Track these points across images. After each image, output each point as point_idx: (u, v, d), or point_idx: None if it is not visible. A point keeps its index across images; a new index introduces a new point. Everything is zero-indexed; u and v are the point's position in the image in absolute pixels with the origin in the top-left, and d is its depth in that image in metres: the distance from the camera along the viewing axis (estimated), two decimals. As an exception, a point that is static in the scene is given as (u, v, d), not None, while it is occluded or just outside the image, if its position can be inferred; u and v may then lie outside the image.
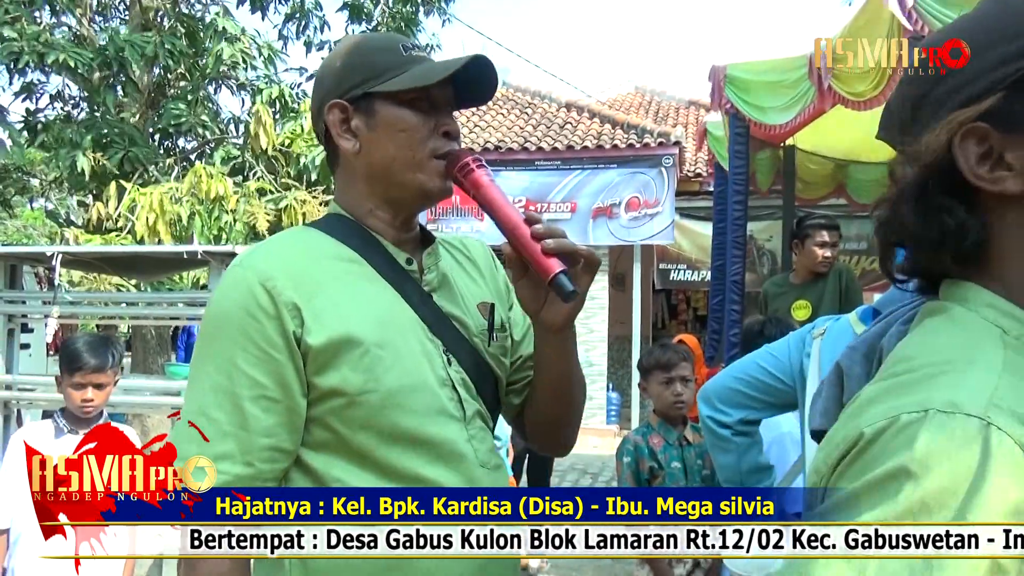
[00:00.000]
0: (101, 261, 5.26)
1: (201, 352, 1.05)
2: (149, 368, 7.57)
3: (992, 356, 0.59)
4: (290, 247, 1.11)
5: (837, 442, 0.60)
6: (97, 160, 6.94)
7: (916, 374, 0.60)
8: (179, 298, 5.72)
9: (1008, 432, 0.52)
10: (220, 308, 1.04)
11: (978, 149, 0.64)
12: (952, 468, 0.52)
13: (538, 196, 9.75)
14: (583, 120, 10.85)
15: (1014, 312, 0.64)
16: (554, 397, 1.21)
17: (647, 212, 9.46)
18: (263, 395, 1.00)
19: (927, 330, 0.68)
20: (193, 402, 1.02)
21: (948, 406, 0.54)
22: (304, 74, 8.61)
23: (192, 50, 7.71)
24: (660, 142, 9.53)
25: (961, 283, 0.68)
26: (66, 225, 7.88)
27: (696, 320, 12.11)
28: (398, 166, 1.10)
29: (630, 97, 14.10)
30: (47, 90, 8.15)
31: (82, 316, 6.32)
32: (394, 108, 1.09)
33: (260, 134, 7.02)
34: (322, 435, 1.04)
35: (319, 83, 1.16)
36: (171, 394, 4.82)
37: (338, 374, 1.02)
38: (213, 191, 6.51)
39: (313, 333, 1.01)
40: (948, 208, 0.65)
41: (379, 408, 1.03)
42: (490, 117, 11.32)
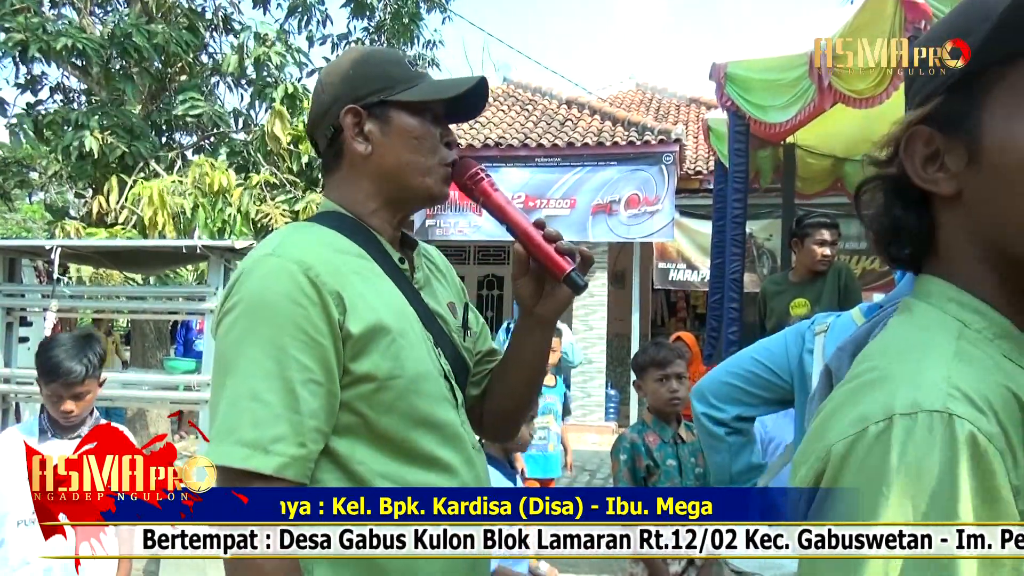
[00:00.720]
0: (100, 255, 5.25)
1: (242, 338, 1.05)
2: (148, 362, 7.57)
3: (943, 348, 0.62)
4: (315, 240, 1.14)
5: (811, 462, 0.62)
6: (104, 139, 6.90)
7: (874, 374, 0.63)
8: (178, 292, 5.72)
9: (968, 419, 0.55)
10: (262, 296, 1.05)
11: (925, 151, 0.66)
12: (928, 470, 0.54)
13: (537, 192, 9.75)
14: (584, 117, 10.84)
15: (977, 306, 0.65)
16: (524, 388, 1.34)
17: (647, 209, 9.45)
18: (311, 379, 1.04)
19: (890, 329, 0.70)
20: (243, 386, 1.02)
21: (909, 407, 0.57)
22: (305, 69, 8.59)
23: (195, 43, 7.71)
24: (661, 139, 9.53)
25: (928, 279, 0.70)
26: (64, 218, 7.87)
27: (695, 318, 12.11)
28: (409, 170, 1.19)
29: (631, 94, 14.09)
30: (48, 83, 8.15)
31: (81, 310, 6.32)
32: (408, 117, 1.18)
33: (277, 135, 7.04)
34: (348, 419, 1.09)
35: (327, 88, 1.22)
36: (170, 388, 4.82)
37: (370, 360, 1.08)
38: (216, 183, 6.52)
39: (352, 320, 1.07)
40: (892, 205, 0.69)
41: (403, 393, 1.10)
42: (491, 113, 11.31)
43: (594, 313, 10.05)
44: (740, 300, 4.59)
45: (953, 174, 0.65)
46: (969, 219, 0.66)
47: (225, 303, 1.09)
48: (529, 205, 9.73)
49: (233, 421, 1.01)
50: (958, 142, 0.64)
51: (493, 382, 1.35)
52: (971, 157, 0.64)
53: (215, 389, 1.06)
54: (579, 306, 10.17)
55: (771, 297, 3.97)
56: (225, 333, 1.07)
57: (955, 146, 0.65)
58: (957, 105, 0.65)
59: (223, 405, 1.03)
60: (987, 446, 0.54)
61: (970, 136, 0.64)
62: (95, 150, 6.80)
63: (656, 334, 11.08)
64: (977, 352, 0.62)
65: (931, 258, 0.70)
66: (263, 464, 0.99)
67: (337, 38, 8.95)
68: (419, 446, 1.12)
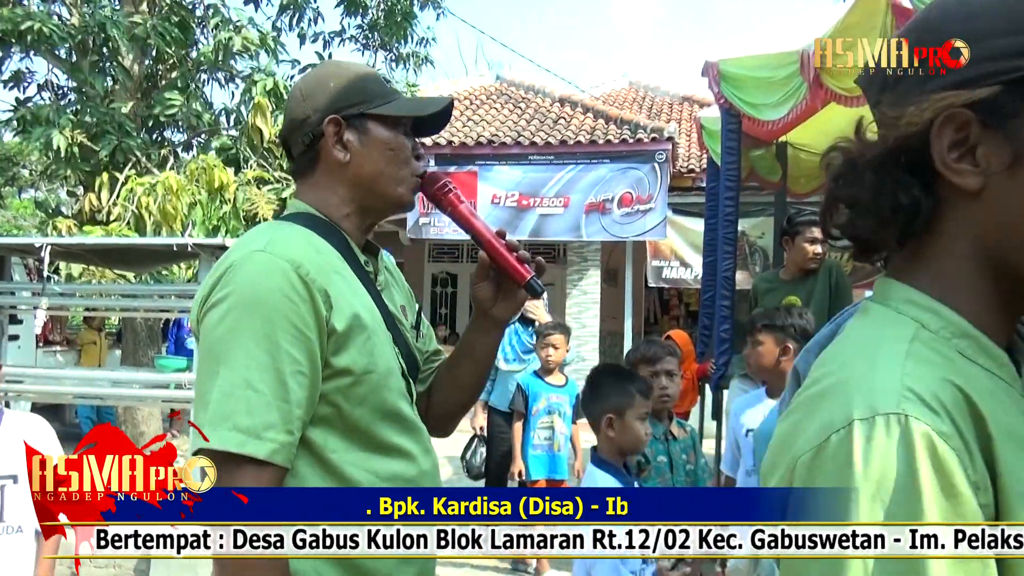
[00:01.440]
0: (91, 253, 5.23)
1: (236, 329, 1.09)
2: (139, 360, 7.54)
3: (896, 349, 0.62)
4: (300, 239, 1.19)
5: (780, 473, 0.63)
6: (74, 139, 6.84)
7: (831, 380, 0.63)
8: (170, 290, 5.70)
9: (922, 419, 0.56)
10: (255, 291, 1.10)
11: (954, 136, 0.62)
12: (890, 473, 0.56)
13: (531, 191, 9.75)
14: (576, 115, 10.84)
15: (934, 307, 0.65)
16: (472, 384, 1.47)
17: (640, 208, 9.47)
18: (299, 371, 1.10)
19: (847, 332, 0.70)
20: (237, 375, 1.07)
21: (866, 412, 0.58)
22: (297, 66, 8.55)
23: (184, 39, 7.66)
24: (653, 138, 9.54)
25: (888, 281, 0.69)
26: (56, 215, 7.82)
27: (688, 316, 12.14)
28: (384, 179, 1.28)
29: (624, 92, 14.10)
30: (36, 79, 8.09)
31: (71, 308, 6.29)
32: (384, 129, 1.28)
33: (261, 126, 7.01)
34: (324, 410, 1.15)
35: (307, 97, 1.29)
36: (161, 386, 4.80)
37: (348, 355, 1.15)
38: (216, 181, 6.50)
39: (336, 317, 1.14)
40: (907, 184, 0.65)
41: (375, 387, 1.18)
42: (484, 111, 11.30)
43: (587, 311, 10.06)
44: (732, 298, 4.60)
45: (981, 170, 0.62)
46: (979, 217, 0.64)
47: (213, 294, 1.13)
48: (523, 203, 9.74)
49: (228, 408, 1.06)
50: (1000, 140, 0.61)
51: (440, 379, 1.45)
52: (1015, 159, 0.61)
53: (205, 376, 1.10)
54: (572, 304, 10.18)
55: (762, 295, 3.97)
56: (216, 324, 1.11)
57: (994, 142, 0.61)
58: (1016, 102, 0.60)
59: (216, 393, 1.07)
60: (943, 445, 0.55)
61: (1015, 137, 0.61)
62: (62, 148, 6.73)
63: (649, 332, 11.11)
64: (929, 352, 0.62)
65: (906, 253, 0.68)
66: (257, 449, 1.05)
67: (330, 35, 8.92)
68: (385, 436, 1.21)
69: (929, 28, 0.66)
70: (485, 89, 12.77)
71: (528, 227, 9.77)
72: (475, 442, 4.71)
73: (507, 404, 4.55)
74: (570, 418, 4.25)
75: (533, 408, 4.17)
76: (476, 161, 9.86)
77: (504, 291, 1.35)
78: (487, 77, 13.43)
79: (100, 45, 7.21)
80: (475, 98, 12.14)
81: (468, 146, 9.82)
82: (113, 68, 7.58)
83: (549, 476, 4.20)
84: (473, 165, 9.87)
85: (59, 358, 8.29)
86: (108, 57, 7.41)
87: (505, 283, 1.34)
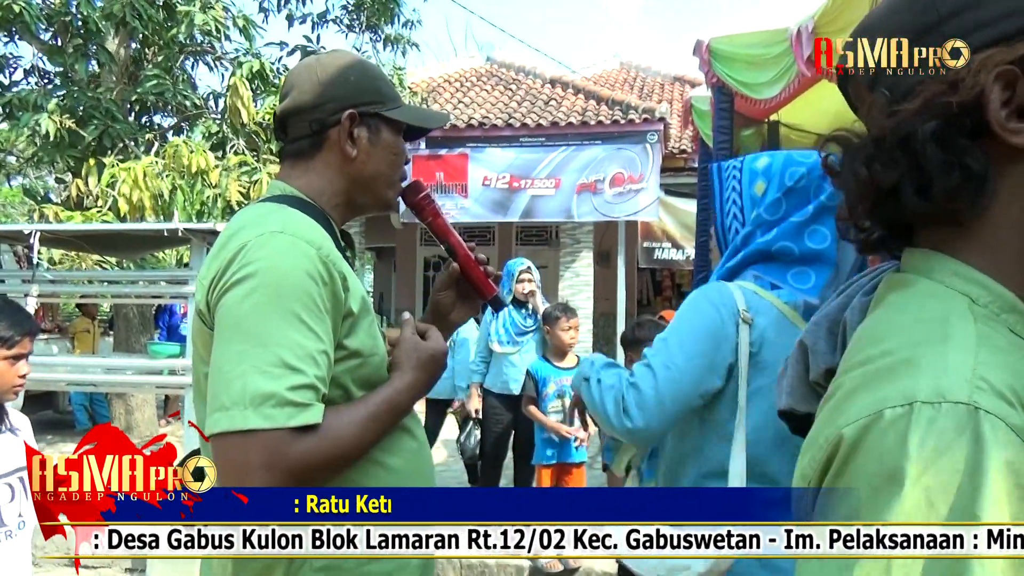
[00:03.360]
0: (80, 239, 5.19)
1: (263, 307, 1.07)
2: (132, 347, 7.52)
3: (966, 331, 0.57)
4: (309, 221, 1.19)
5: (820, 444, 0.58)
6: (63, 124, 6.75)
7: (892, 358, 0.57)
8: (161, 276, 5.67)
9: (996, 414, 0.51)
10: (282, 270, 1.10)
11: (1002, 95, 0.58)
12: (950, 463, 0.50)
13: (522, 172, 9.72)
14: (568, 96, 10.80)
15: (983, 280, 0.61)
16: None
17: (631, 188, 9.45)
18: (322, 349, 1.10)
19: (894, 307, 0.64)
20: (272, 354, 1.05)
21: (933, 396, 0.52)
22: (285, 48, 8.46)
23: (169, 23, 7.56)
24: (645, 118, 9.51)
25: (925, 252, 0.65)
26: (45, 202, 7.75)
27: (680, 296, 12.16)
28: (381, 181, 1.33)
29: (615, 73, 14.04)
30: (21, 64, 7.99)
31: (62, 295, 6.25)
32: (391, 133, 1.33)
33: (239, 108, 6.93)
34: (333, 392, 1.15)
35: (324, 83, 1.29)
36: (154, 372, 4.79)
37: (358, 337, 1.19)
38: (194, 165, 6.42)
39: (352, 299, 1.17)
40: (974, 152, 0.59)
41: (376, 368, 1.22)
42: (474, 94, 11.24)
43: (580, 293, 10.07)
44: (725, 278, 4.60)
45: None
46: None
47: (230, 273, 1.10)
48: (514, 185, 9.71)
49: (268, 387, 1.03)
50: None
51: None
52: None
53: (229, 355, 1.06)
54: (565, 286, 10.19)
55: None
56: (239, 301, 1.08)
57: None
58: None
59: (250, 372, 1.03)
60: (1017, 442, 0.50)
61: None
62: (51, 132, 6.64)
63: (642, 313, 11.13)
64: (998, 337, 0.57)
65: (957, 221, 0.62)
66: (310, 416, 1.05)
67: (317, 17, 8.82)
68: None
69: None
70: (475, 71, 12.70)
71: (519, 208, 9.75)
72: (470, 425, 4.72)
73: (501, 386, 4.56)
74: None
75: (543, 392, 4.15)
76: (467, 143, 9.81)
77: (464, 299, 1.45)
78: (477, 59, 13.35)
79: (79, 27, 7.10)
80: (465, 80, 12.07)
81: (459, 128, 9.78)
82: (97, 51, 7.47)
83: (562, 460, 4.17)
84: (464, 147, 9.82)
85: (52, 347, 8.26)
86: (91, 40, 7.30)
87: (468, 293, 1.44)
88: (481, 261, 1.41)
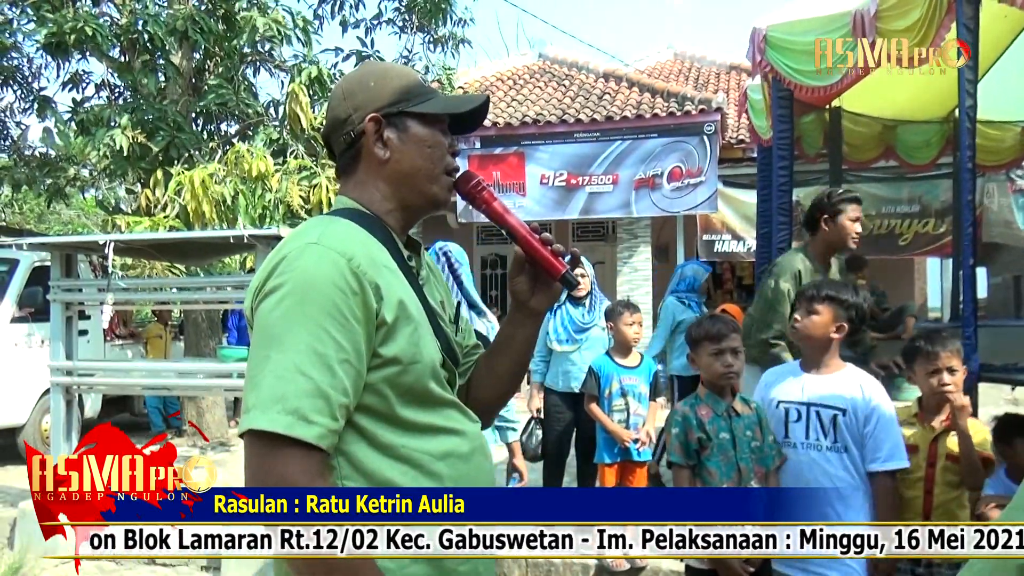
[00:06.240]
0: (150, 247, 5.37)
1: (290, 316, 1.13)
2: (201, 351, 7.74)
3: None
4: (349, 233, 1.23)
5: None
6: (135, 138, 7.00)
7: None
8: (227, 282, 5.82)
9: None
10: (308, 281, 1.14)
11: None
12: None
13: (579, 169, 9.68)
14: (622, 90, 10.70)
15: None
16: (512, 375, 1.49)
17: (690, 182, 9.32)
18: (346, 359, 1.13)
19: None
20: (289, 360, 1.11)
21: None
22: (340, 54, 8.60)
23: (229, 33, 7.74)
24: (701, 109, 9.37)
25: None
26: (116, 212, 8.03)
27: (741, 289, 11.95)
28: (421, 176, 1.34)
29: (669, 64, 13.85)
30: (92, 79, 8.29)
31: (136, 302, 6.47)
32: (423, 127, 1.33)
33: (298, 114, 7.06)
34: (372, 399, 1.19)
35: (348, 96, 1.35)
36: (224, 376, 4.93)
37: (396, 345, 1.19)
38: (255, 170, 6.57)
39: (386, 309, 1.18)
40: None
41: (420, 376, 1.22)
42: (527, 91, 11.23)
43: (639, 288, 9.98)
44: (788, 270, 4.49)
45: None
46: None
47: (268, 282, 1.17)
48: (572, 183, 9.68)
49: (280, 391, 1.09)
50: None
51: (480, 371, 1.48)
52: None
53: (257, 360, 1.13)
54: (623, 282, 10.11)
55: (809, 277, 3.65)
56: (270, 310, 1.15)
57: None
58: None
59: (268, 376, 1.11)
60: None
61: None
62: (124, 147, 6.89)
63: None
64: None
65: None
66: (306, 432, 1.08)
67: (371, 21, 8.93)
68: (432, 420, 1.25)
69: None
70: (528, 68, 12.67)
71: (578, 206, 9.71)
72: (531, 424, 4.70)
73: (562, 384, 4.54)
74: (647, 398, 4.14)
75: (605, 391, 4.08)
76: (522, 142, 9.81)
77: (540, 284, 1.40)
78: (529, 56, 13.33)
79: (146, 43, 7.34)
80: (518, 78, 12.06)
81: (513, 127, 9.78)
82: (163, 66, 7.71)
83: (624, 459, 4.08)
84: (519, 146, 9.83)
85: (127, 352, 8.56)
86: (158, 55, 7.54)
87: (541, 276, 1.39)
88: (546, 240, 1.37)
